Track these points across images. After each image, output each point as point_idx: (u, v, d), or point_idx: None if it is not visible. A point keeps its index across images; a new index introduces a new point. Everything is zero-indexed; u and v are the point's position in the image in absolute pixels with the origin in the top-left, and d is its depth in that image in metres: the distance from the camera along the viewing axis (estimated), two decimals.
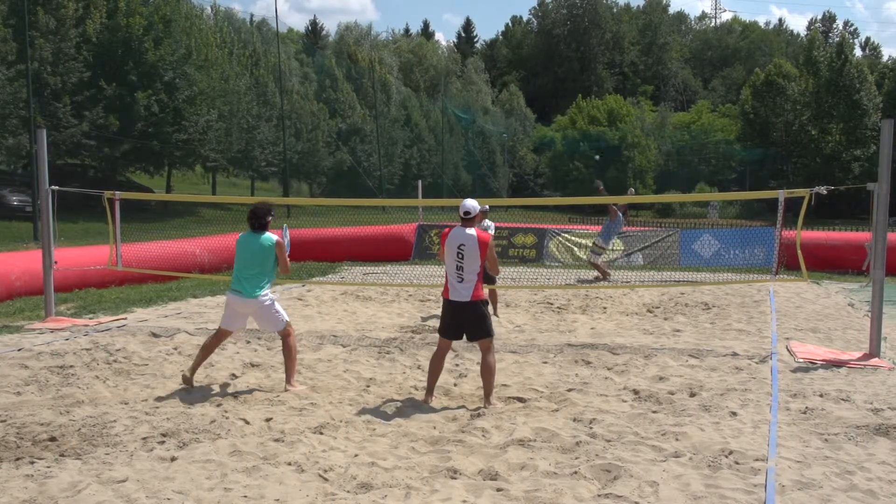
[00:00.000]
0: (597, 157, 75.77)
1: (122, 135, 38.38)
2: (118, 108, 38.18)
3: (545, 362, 9.96)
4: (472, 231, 7.86)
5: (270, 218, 8.61)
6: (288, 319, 8.61)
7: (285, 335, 8.52)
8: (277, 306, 8.56)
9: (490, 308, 8.15)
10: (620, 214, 19.30)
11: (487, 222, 14.83)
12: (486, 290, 8.19)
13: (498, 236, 24.28)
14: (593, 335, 11.93)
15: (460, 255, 7.76)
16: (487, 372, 7.94)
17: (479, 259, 7.78)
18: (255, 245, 8.47)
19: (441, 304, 8.24)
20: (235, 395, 8.25)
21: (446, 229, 8.03)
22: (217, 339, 8.67)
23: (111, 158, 39.69)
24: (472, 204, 7.94)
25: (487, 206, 15.00)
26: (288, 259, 8.62)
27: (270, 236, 8.50)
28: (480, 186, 72.90)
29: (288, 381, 8.46)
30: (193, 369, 8.52)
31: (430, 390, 8.09)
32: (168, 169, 47.55)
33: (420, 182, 29.43)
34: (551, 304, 15.43)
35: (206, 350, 8.64)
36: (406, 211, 32.89)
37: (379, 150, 59.83)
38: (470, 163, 75.04)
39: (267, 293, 8.46)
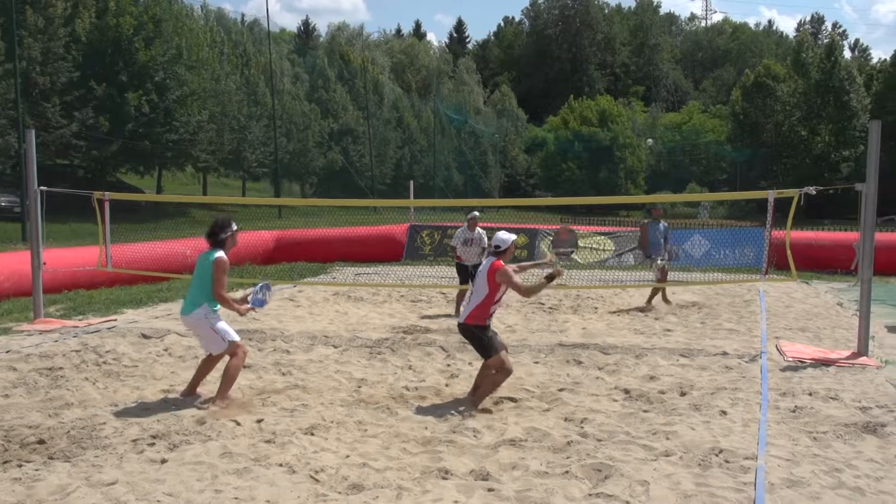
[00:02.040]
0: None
1: (112, 135, 38.29)
2: (108, 109, 38.08)
3: (536, 362, 9.97)
4: (489, 260, 7.96)
5: (225, 235, 8.10)
6: (236, 339, 8.10)
7: (231, 354, 8.05)
8: (220, 325, 8.02)
9: (487, 332, 7.99)
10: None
11: (479, 231, 14.92)
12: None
13: (489, 236, 24.28)
14: (584, 335, 11.94)
15: (474, 277, 7.95)
16: (489, 383, 7.99)
17: (485, 286, 7.83)
18: (202, 261, 8.10)
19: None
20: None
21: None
22: (208, 361, 8.28)
23: (101, 159, 39.58)
24: (502, 237, 8.04)
25: (476, 213, 15.09)
26: (220, 284, 7.94)
27: (213, 253, 8.02)
28: (472, 187, 72.93)
29: (216, 398, 7.87)
30: (190, 391, 8.20)
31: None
32: (158, 169, 47.48)
33: (412, 182, 29.42)
34: (542, 304, 15.45)
35: (202, 371, 8.30)
36: (398, 211, 32.86)
37: (371, 151, 59.82)
38: (461, 163, 75.02)
39: (199, 312, 7.97)
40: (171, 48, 41.38)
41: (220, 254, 7.99)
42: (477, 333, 7.91)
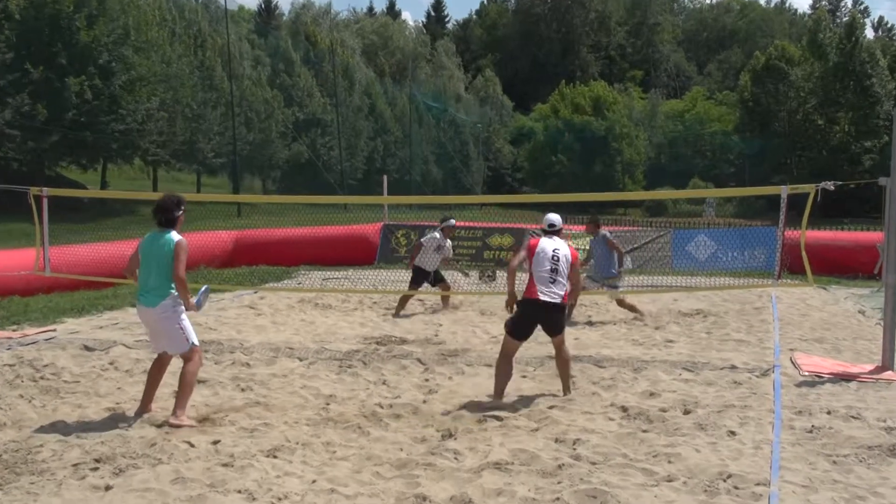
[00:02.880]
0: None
1: (50, 124, 38.04)
2: (46, 95, 37.82)
3: (524, 376, 9.97)
4: (562, 242, 9.25)
5: (180, 213, 8.17)
6: (196, 342, 8.18)
7: (186, 359, 8.08)
8: (186, 323, 8.10)
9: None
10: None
11: (449, 242, 15.16)
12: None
13: (472, 237, 24.30)
14: (577, 346, 11.94)
15: (556, 260, 8.98)
16: (566, 364, 9.16)
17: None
18: (155, 244, 8.09)
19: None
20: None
21: (533, 241, 9.25)
22: (158, 366, 8.29)
23: (38, 151, 39.32)
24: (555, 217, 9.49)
25: (453, 221, 15.26)
26: (183, 265, 8.02)
27: (168, 234, 8.08)
28: (452, 182, 73.03)
29: (175, 411, 7.91)
30: (143, 407, 8.15)
31: (500, 392, 8.83)
32: (103, 163, 47.21)
33: (385, 177, 29.37)
34: None
35: (152, 381, 8.25)
36: (370, 209, 32.80)
37: (340, 142, 59.78)
38: (441, 156, 75.12)
39: (167, 304, 8.01)
40: (117, 27, 41.19)
41: (178, 236, 8.08)
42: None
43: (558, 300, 8.88)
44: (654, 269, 22.24)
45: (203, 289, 8.48)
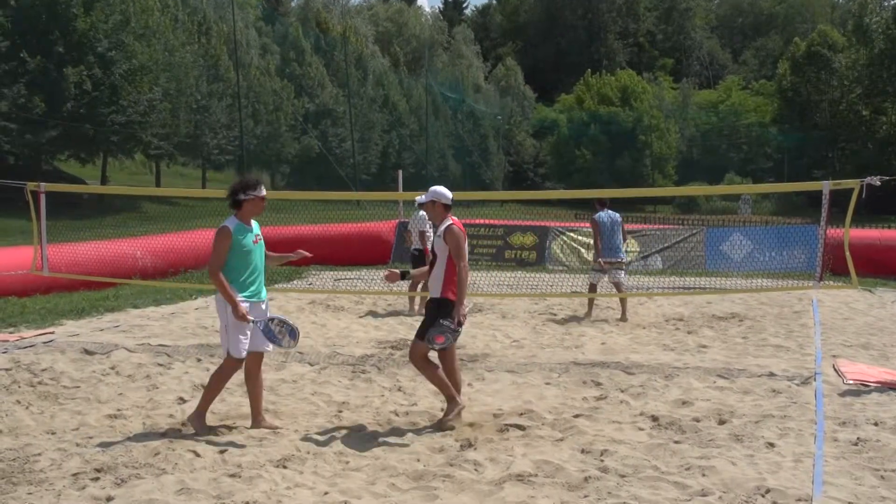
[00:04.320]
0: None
1: (48, 117, 38.22)
2: (43, 85, 38.01)
3: (548, 383, 9.95)
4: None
5: (244, 196, 7.97)
6: (234, 355, 8.01)
7: (224, 363, 8.06)
8: (232, 326, 7.98)
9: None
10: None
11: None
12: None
13: (492, 235, 24.27)
14: (604, 351, 11.92)
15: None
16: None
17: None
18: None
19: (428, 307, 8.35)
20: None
21: (457, 223, 8.27)
22: (250, 374, 8.19)
23: (35, 144, 39.53)
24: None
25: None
26: (218, 257, 7.83)
27: (223, 223, 7.97)
28: (471, 177, 72.99)
29: (195, 410, 8.01)
30: (256, 414, 8.14)
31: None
32: (103, 157, 47.41)
33: (400, 172, 29.38)
34: (555, 314, 15.43)
35: (250, 388, 8.20)
36: (384, 206, 32.88)
37: (353, 136, 59.84)
38: (459, 150, 75.14)
39: (217, 298, 8.01)
40: (116, 13, 41.32)
41: (227, 222, 7.94)
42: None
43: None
44: (686, 270, 22.18)
45: (287, 324, 8.00)
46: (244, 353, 7.94)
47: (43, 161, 42.62)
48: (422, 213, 15.58)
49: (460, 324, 8.01)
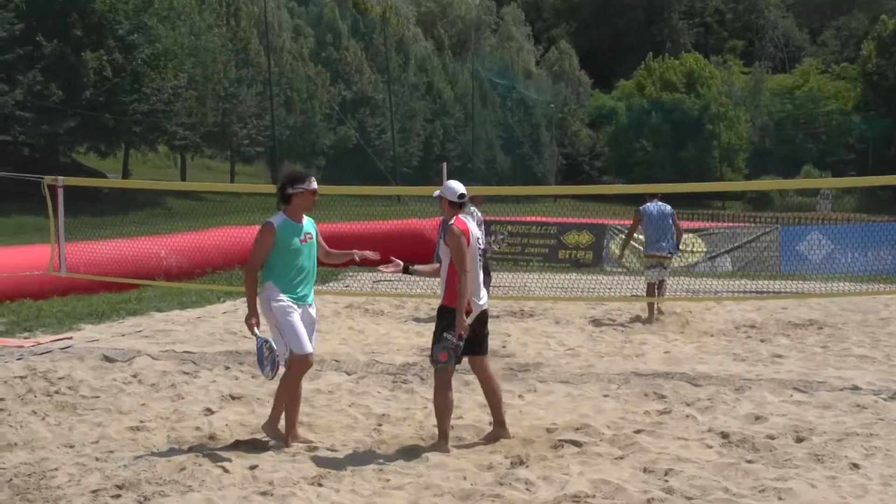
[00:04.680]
0: None
1: (65, 105, 38.60)
2: (60, 72, 38.39)
3: (606, 395, 9.90)
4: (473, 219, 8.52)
5: (292, 190, 8.02)
6: (304, 351, 7.96)
7: (286, 365, 8.05)
8: (288, 319, 7.95)
9: None
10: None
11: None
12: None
13: (545, 234, 24.23)
14: (668, 361, 11.85)
15: (480, 250, 8.27)
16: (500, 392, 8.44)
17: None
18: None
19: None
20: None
21: (460, 222, 8.08)
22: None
23: (52, 135, 39.96)
24: (462, 186, 8.39)
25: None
26: (257, 254, 7.96)
27: (268, 219, 8.11)
28: (521, 171, 72.96)
29: (269, 421, 8.11)
30: (290, 427, 8.12)
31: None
32: (125, 149, 47.87)
33: (445, 165, 29.22)
34: (613, 320, 15.37)
35: (294, 394, 8.15)
36: (427, 202, 32.78)
37: (393, 125, 60.00)
38: (508, 141, 75.06)
39: (263, 292, 8.00)
40: None
41: (273, 218, 8.02)
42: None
43: (486, 304, 8.27)
44: (758, 272, 21.99)
45: (271, 346, 7.90)
46: (310, 346, 7.94)
47: (60, 153, 43.12)
48: (471, 208, 15.67)
49: (461, 338, 7.85)
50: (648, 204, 15.42)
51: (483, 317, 8.14)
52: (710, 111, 78.30)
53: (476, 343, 8.08)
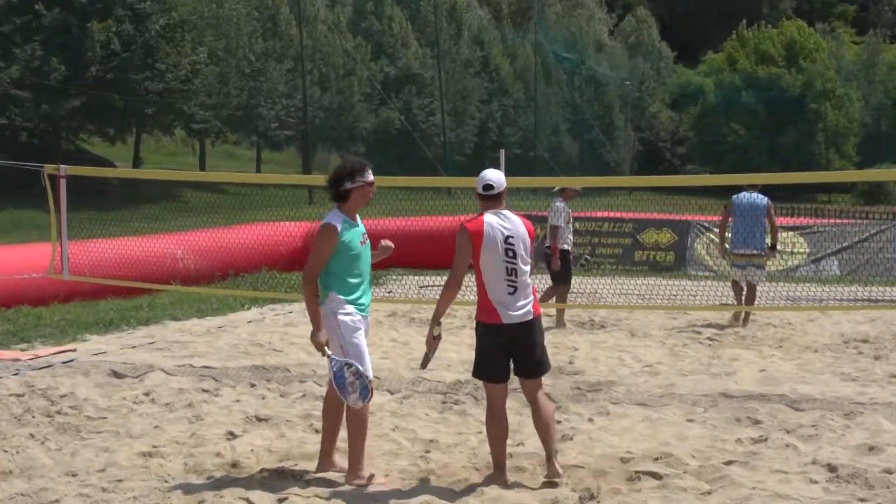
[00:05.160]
0: None
1: (68, 84, 38.94)
2: (62, 45, 38.73)
3: (691, 420, 9.84)
4: (512, 215, 8.14)
5: (351, 185, 7.94)
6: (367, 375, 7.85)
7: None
8: (354, 338, 7.94)
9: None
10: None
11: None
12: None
13: (619, 232, 24.15)
14: (764, 381, 11.76)
15: (511, 252, 7.92)
16: (552, 421, 8.06)
17: (528, 253, 8.03)
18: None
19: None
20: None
21: (476, 219, 8.03)
22: (331, 403, 8.17)
23: (53, 118, 40.36)
24: (496, 176, 8.23)
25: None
26: (317, 260, 7.88)
27: (325, 217, 7.97)
28: (591, 158, 72.74)
29: (349, 469, 7.95)
30: (321, 459, 8.16)
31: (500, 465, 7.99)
32: (136, 133, 48.31)
33: (503, 153, 29.19)
34: (699, 332, 15.27)
35: (328, 422, 8.19)
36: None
37: (443, 107, 60.03)
38: (576, 124, 74.90)
39: (327, 304, 7.90)
40: None
41: (331, 218, 7.89)
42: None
43: (527, 316, 7.93)
44: (871, 278, 21.77)
45: (352, 368, 7.81)
46: (371, 373, 7.89)
47: (63, 138, 43.51)
48: (558, 202, 15.70)
49: (426, 358, 8.02)
50: (741, 193, 15.41)
51: (519, 332, 7.87)
52: (815, 88, 77.60)
53: (518, 363, 7.98)
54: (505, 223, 7.91)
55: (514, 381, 7.95)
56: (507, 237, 7.86)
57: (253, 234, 20.66)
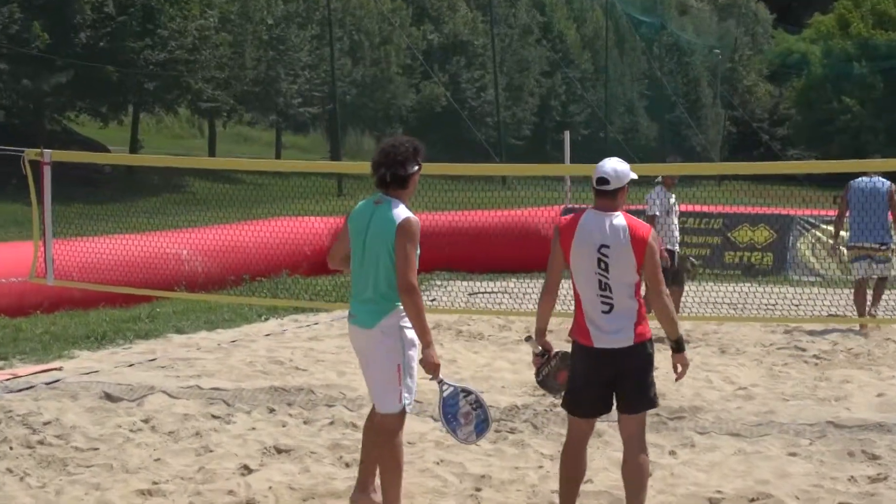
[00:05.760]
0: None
1: (53, 53, 39.10)
2: (46, 8, 38.87)
3: (793, 454, 9.79)
4: (619, 218, 7.61)
5: (416, 168, 7.89)
6: (409, 406, 7.96)
7: (386, 426, 7.87)
8: (410, 364, 7.83)
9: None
10: None
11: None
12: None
13: (706, 229, 24.04)
14: (883, 407, 11.68)
15: (603, 264, 7.55)
16: (642, 475, 7.74)
17: (633, 267, 7.60)
18: (378, 223, 7.81)
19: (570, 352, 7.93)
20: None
21: (575, 215, 7.77)
22: (372, 429, 8.15)
23: (36, 94, 40.56)
24: (613, 167, 7.72)
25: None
26: (414, 264, 7.77)
27: (391, 206, 7.78)
28: (673, 141, 72.54)
29: (357, 486, 8.11)
30: (359, 487, 8.18)
31: None
32: (133, 112, 48.49)
33: (568, 134, 29.30)
34: (803, 350, 15.18)
35: (367, 447, 8.19)
36: (542, 184, 32.80)
37: (497, 81, 59.98)
38: (655, 101, 74.60)
39: (389, 324, 7.80)
40: None
41: (406, 211, 7.77)
42: (651, 359, 7.90)
43: (624, 341, 7.68)
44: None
45: (457, 390, 7.95)
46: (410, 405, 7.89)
47: (47, 118, 43.73)
48: (654, 190, 15.79)
49: (538, 377, 7.97)
50: (860, 178, 15.36)
51: (614, 359, 7.62)
52: None
53: (615, 394, 7.75)
54: (605, 228, 7.45)
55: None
56: (602, 245, 7.44)
57: (272, 232, 20.68)
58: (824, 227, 23.74)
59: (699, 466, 9.38)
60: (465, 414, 7.70)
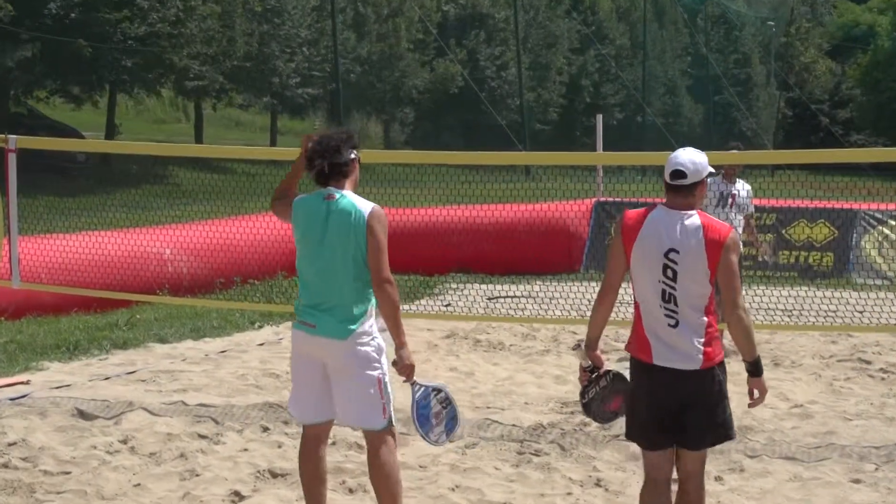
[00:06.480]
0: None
1: (18, 26, 39.19)
2: None
3: (857, 480, 9.80)
4: (693, 218, 7.49)
5: (353, 157, 8.01)
6: (392, 416, 8.01)
7: (378, 445, 7.94)
8: (386, 367, 8.00)
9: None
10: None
11: (742, 185, 15.27)
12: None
13: (758, 226, 24.00)
14: None
15: (670, 272, 7.42)
16: None
17: (706, 276, 7.44)
18: (337, 219, 7.87)
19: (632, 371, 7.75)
20: None
21: (631, 214, 7.60)
22: (313, 453, 8.24)
23: (1, 73, 40.64)
24: (691, 158, 7.51)
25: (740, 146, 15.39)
26: (386, 258, 7.78)
27: (359, 203, 7.86)
28: (720, 126, 72.60)
29: None
30: None
31: None
32: (110, 93, 48.56)
33: (600, 118, 29.31)
34: (868, 362, 15.18)
35: (310, 483, 8.22)
36: (571, 175, 32.77)
37: (520, 59, 60.02)
38: (700, 81, 74.59)
39: (367, 326, 7.91)
40: None
41: (363, 200, 7.88)
42: (724, 385, 7.68)
43: (690, 364, 7.47)
44: None
45: (443, 393, 8.13)
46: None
47: (11, 99, 43.82)
48: (720, 186, 15.73)
49: (584, 395, 7.72)
50: None
51: (676, 382, 7.39)
52: None
53: (677, 423, 7.49)
54: (676, 230, 7.24)
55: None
56: (670, 249, 7.25)
57: (266, 228, 20.65)
58: (893, 223, 23.75)
59: (749, 494, 9.39)
60: (436, 414, 7.83)
